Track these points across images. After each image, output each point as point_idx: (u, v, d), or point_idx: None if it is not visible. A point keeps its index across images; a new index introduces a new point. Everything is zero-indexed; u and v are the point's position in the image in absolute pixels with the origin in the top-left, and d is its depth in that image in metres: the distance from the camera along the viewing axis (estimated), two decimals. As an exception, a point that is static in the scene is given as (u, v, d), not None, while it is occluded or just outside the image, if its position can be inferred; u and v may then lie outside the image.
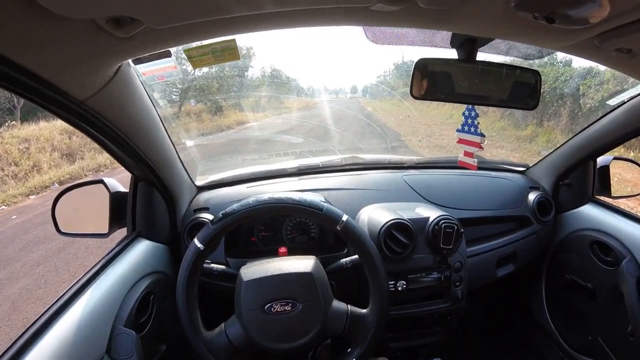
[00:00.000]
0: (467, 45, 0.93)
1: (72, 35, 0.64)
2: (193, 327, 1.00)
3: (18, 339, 0.81)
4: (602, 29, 0.69)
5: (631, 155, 7.01)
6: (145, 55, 0.84)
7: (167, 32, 0.70)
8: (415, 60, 0.95)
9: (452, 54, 0.96)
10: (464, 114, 1.16)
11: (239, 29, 0.77)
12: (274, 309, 0.99)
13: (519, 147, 9.43)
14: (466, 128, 1.18)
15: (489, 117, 11.22)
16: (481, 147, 1.16)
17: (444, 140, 9.66)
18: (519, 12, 0.62)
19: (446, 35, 0.92)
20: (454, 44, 0.94)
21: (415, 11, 0.66)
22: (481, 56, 0.95)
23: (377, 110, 13.90)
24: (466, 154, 1.24)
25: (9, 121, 12.04)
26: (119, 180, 1.34)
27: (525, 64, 1.06)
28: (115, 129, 0.96)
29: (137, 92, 1.01)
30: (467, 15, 0.69)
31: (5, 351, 0.78)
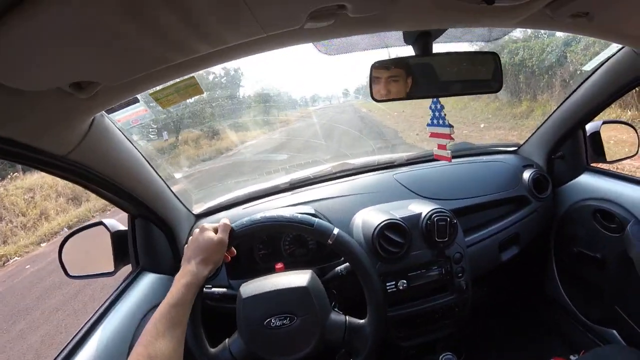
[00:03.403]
0: (420, 40, 0.93)
1: (41, 103, 0.69)
2: (197, 344, 1.01)
3: None
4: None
5: (628, 114, 6.91)
6: (113, 106, 0.89)
7: (126, 85, 0.75)
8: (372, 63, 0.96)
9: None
10: (430, 107, 1.14)
11: (186, 71, 0.82)
12: (273, 323, 1.01)
13: (516, 124, 9.32)
14: (435, 121, 1.17)
15: (482, 101, 11.12)
16: (452, 138, 1.15)
17: (441, 129, 9.67)
18: (454, 0, 0.63)
19: (398, 33, 0.93)
20: (407, 41, 0.94)
21: (349, 21, 0.67)
22: (441, 47, 0.96)
23: (372, 110, 13.85)
24: (440, 146, 1.24)
25: (12, 173, 12.16)
26: (124, 217, 1.37)
27: (494, 46, 1.07)
28: (102, 175, 1.01)
29: (116, 137, 1.06)
30: (402, 13, 0.71)
31: None
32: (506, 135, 8.73)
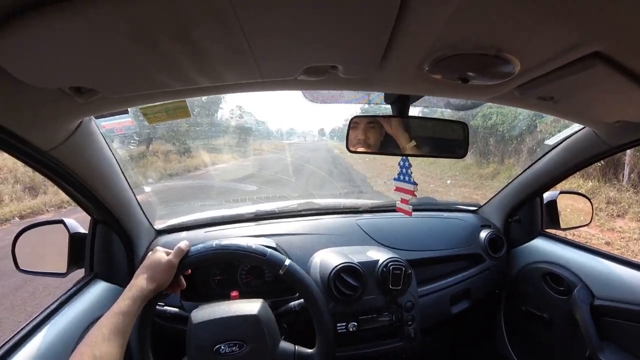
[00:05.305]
0: (399, 101, 1.01)
1: (39, 98, 0.71)
2: None
3: None
4: (518, 83, 0.76)
5: (589, 184, 7.35)
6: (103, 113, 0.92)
7: (122, 98, 0.80)
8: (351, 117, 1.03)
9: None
10: (399, 164, 1.23)
11: (183, 96, 0.87)
12: (223, 350, 1.01)
13: (481, 184, 9.64)
14: (402, 177, 1.25)
15: (452, 159, 11.44)
16: (415, 195, 1.23)
17: (408, 182, 9.87)
18: (433, 75, 0.70)
19: (380, 92, 1.00)
20: (387, 100, 1.02)
21: (338, 79, 0.74)
22: (418, 109, 1.04)
23: (344, 152, 14.07)
24: (402, 201, 1.31)
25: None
26: (81, 218, 1.35)
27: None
28: (76, 176, 1.02)
29: (98, 142, 1.07)
30: (386, 79, 0.77)
31: None
32: (470, 194, 8.96)
